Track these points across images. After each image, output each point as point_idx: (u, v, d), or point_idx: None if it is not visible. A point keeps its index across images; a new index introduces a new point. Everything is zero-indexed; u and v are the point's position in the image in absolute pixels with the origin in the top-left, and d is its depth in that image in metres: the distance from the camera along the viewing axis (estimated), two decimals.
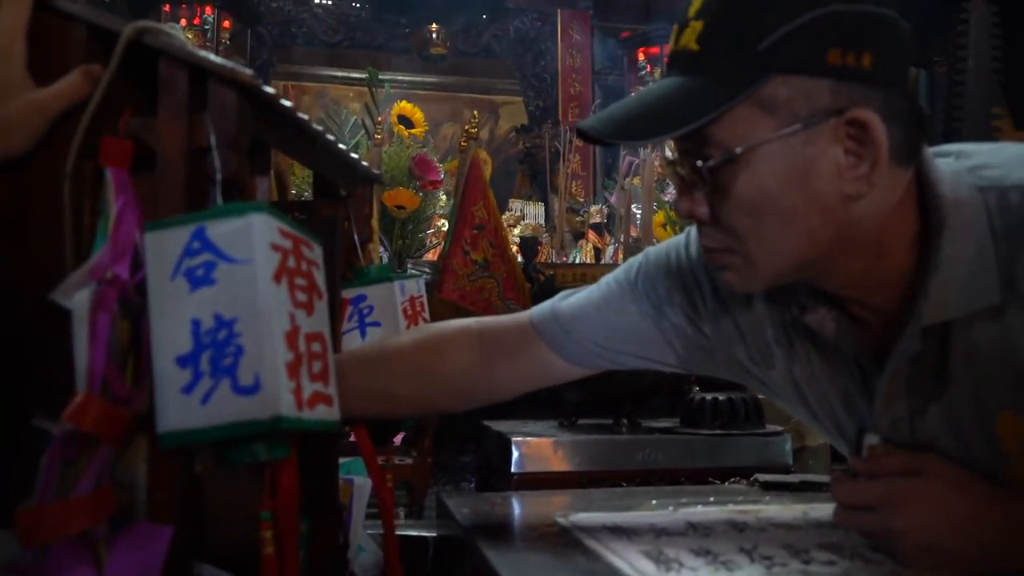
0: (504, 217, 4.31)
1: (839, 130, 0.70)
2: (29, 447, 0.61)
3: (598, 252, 3.93)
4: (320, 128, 0.87)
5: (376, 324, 0.97)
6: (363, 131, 1.95)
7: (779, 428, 1.34)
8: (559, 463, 1.21)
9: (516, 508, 0.99)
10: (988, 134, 4.20)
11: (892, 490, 0.73)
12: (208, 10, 4.79)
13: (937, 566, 0.71)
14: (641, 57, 5.74)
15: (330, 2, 6.16)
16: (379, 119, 1.73)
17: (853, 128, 0.70)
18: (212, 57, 0.67)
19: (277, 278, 0.61)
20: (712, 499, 0.98)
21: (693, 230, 0.91)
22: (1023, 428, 0.73)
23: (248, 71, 0.68)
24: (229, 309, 0.59)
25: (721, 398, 1.31)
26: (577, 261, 3.97)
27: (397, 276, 0.99)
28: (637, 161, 2.34)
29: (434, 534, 1.12)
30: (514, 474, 1.20)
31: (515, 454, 1.20)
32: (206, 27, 4.79)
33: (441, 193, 2.19)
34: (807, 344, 0.85)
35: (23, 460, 0.61)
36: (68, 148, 0.67)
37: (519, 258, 1.57)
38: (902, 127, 0.71)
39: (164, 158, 0.68)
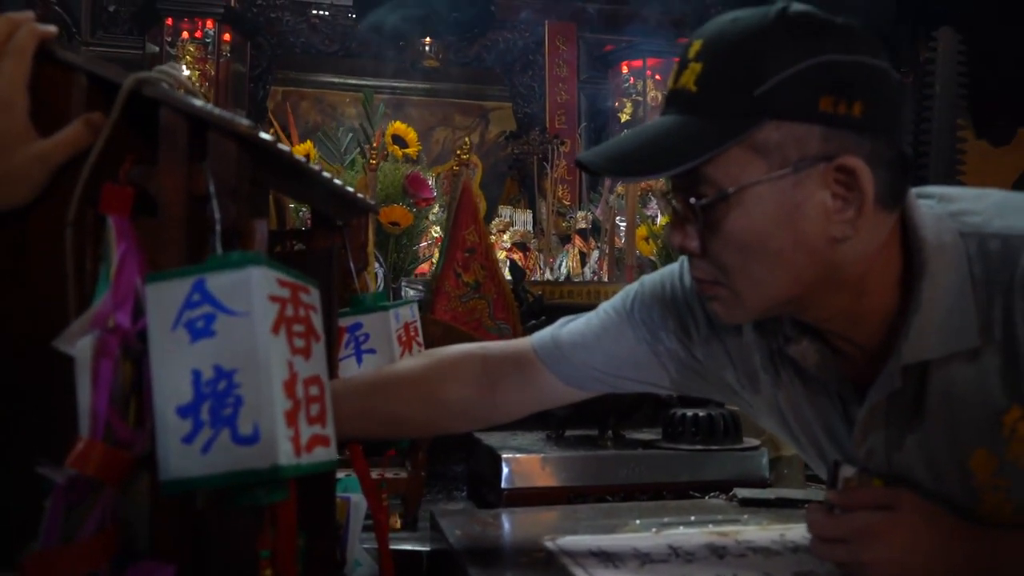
0: (494, 223, 4.31)
1: (828, 175, 0.71)
2: (32, 490, 0.60)
3: (583, 256, 3.93)
4: (316, 167, 0.85)
5: (372, 351, 0.96)
6: (358, 148, 1.94)
7: (756, 442, 1.34)
8: (547, 479, 1.20)
9: (506, 529, 0.98)
10: (953, 142, 4.31)
11: (864, 523, 0.73)
12: (210, 23, 4.75)
13: None
14: (624, 70, 5.75)
15: (327, 14, 6.12)
16: (374, 144, 1.72)
17: (841, 174, 0.71)
18: (211, 108, 0.66)
19: (275, 329, 0.60)
20: (693, 518, 0.97)
21: (686, 259, 0.91)
22: (995, 464, 0.73)
23: (246, 121, 0.66)
24: (229, 360, 0.58)
25: (701, 414, 1.31)
26: (564, 265, 3.96)
27: (392, 304, 0.98)
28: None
29: (427, 548, 1.11)
30: (504, 489, 1.19)
31: (505, 470, 1.20)
32: (207, 40, 4.75)
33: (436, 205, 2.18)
34: (792, 372, 0.85)
35: (27, 503, 0.60)
36: (70, 196, 0.66)
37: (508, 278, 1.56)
38: (888, 174, 0.72)
39: (164, 206, 0.66)
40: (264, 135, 0.70)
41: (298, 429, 0.61)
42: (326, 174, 0.89)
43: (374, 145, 1.70)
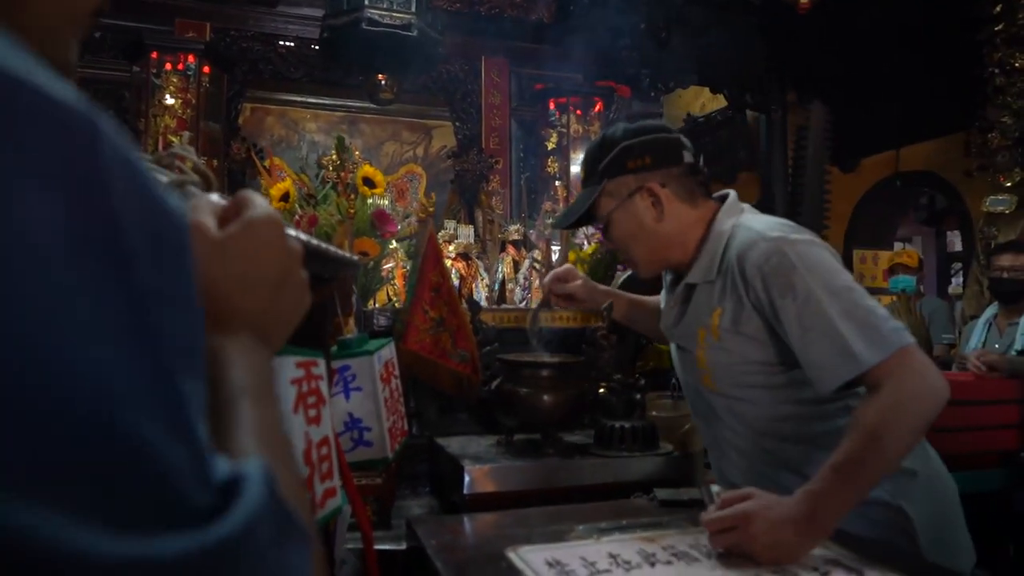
0: (440, 234, 4.29)
1: (644, 196, 1.20)
2: None
3: (516, 264, 3.95)
4: (315, 242, 0.84)
5: (359, 389, 0.95)
6: (329, 184, 1.91)
7: (670, 447, 1.38)
8: (501, 484, 1.22)
9: (472, 537, 1.00)
10: (821, 176, 4.72)
11: (738, 511, 0.89)
12: (191, 58, 4.56)
13: (781, 555, 0.86)
14: (552, 106, 5.79)
15: (292, 45, 5.96)
16: (345, 196, 1.69)
17: (648, 193, 1.19)
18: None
19: (295, 408, 0.60)
20: (624, 522, 1.00)
21: None
22: (703, 335, 1.17)
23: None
24: None
25: (627, 425, 1.34)
26: (499, 271, 3.98)
27: (375, 347, 0.98)
28: (555, 207, 2.36)
29: (403, 547, 1.11)
30: (467, 494, 1.20)
31: (467, 478, 1.21)
32: (189, 72, 4.57)
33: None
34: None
35: None
36: None
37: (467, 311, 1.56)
38: (679, 183, 1.20)
39: None
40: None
41: (314, 489, 0.62)
42: (324, 245, 0.88)
43: (346, 198, 1.68)
